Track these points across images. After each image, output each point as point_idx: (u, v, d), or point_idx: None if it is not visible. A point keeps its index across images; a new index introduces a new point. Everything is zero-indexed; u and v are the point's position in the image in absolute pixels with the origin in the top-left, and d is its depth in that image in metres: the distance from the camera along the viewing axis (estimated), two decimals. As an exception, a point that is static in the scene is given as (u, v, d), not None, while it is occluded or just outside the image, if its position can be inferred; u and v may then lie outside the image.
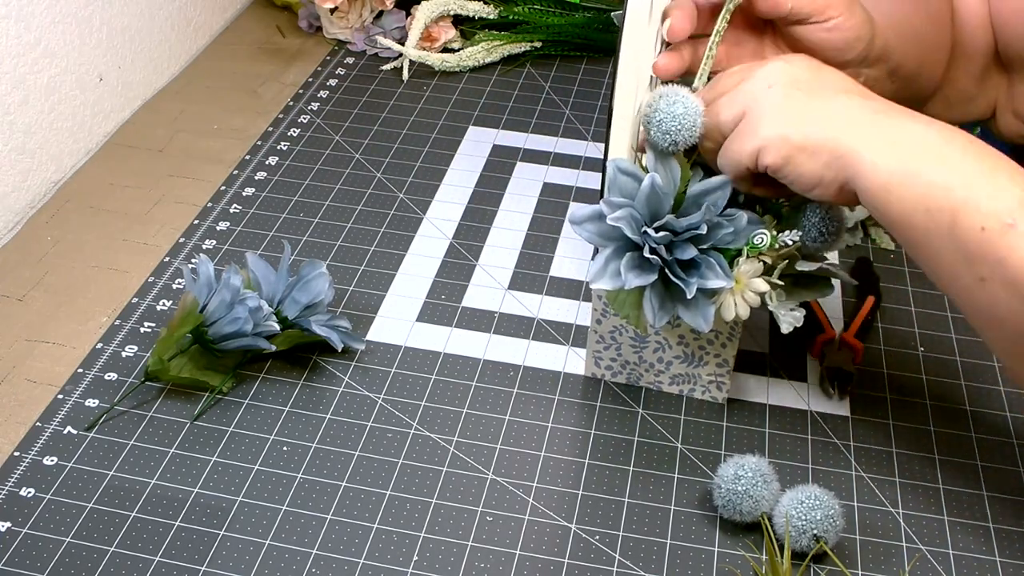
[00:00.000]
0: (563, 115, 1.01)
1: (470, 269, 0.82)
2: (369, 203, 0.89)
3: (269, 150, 0.95)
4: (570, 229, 0.87)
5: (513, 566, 0.61)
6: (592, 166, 0.94)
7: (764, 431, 0.69)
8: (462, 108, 1.02)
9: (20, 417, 0.69)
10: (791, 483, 0.64)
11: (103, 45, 0.95)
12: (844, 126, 0.57)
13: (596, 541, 0.62)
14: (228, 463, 0.66)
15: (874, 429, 0.70)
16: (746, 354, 0.74)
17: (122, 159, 0.94)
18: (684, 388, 0.71)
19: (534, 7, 1.10)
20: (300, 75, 1.07)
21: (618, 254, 0.62)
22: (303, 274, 0.72)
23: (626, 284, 0.61)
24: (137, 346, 0.74)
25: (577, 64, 1.10)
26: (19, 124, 0.86)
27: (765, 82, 0.60)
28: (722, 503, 0.62)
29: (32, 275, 0.81)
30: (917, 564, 0.62)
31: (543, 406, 0.71)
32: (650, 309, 0.62)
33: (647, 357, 0.70)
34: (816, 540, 0.60)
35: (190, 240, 0.84)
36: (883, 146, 0.56)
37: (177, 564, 0.60)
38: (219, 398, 0.70)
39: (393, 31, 1.10)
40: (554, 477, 0.66)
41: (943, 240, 0.55)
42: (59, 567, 0.59)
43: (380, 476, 0.65)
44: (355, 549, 0.61)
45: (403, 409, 0.70)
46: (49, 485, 0.64)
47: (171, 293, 0.79)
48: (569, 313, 0.78)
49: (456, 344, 0.75)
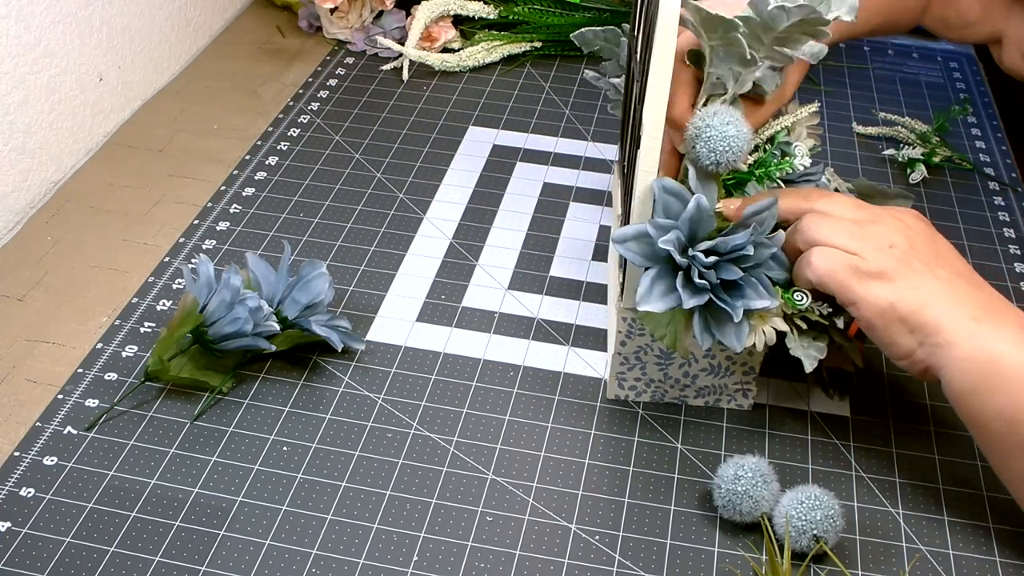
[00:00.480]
0: (563, 115, 1.01)
1: (470, 269, 0.82)
2: (369, 203, 0.89)
3: (269, 150, 0.95)
4: (569, 229, 0.87)
5: (513, 566, 0.61)
6: (592, 166, 0.94)
7: (764, 431, 0.69)
8: (462, 108, 1.02)
9: (20, 417, 0.69)
10: (791, 483, 0.64)
11: (103, 45, 0.95)
12: (945, 314, 0.59)
13: (596, 541, 0.62)
14: (228, 463, 0.66)
15: (874, 429, 0.70)
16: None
17: (122, 159, 0.94)
18: (710, 399, 0.70)
19: (534, 7, 1.10)
20: (300, 75, 1.07)
21: (661, 276, 0.61)
22: (303, 274, 0.72)
23: (684, 304, 0.60)
24: (137, 346, 0.74)
25: (577, 64, 1.10)
26: (19, 124, 0.86)
27: (886, 239, 0.60)
28: (722, 503, 0.62)
29: (32, 275, 0.81)
30: (917, 564, 0.62)
31: (543, 406, 0.71)
32: (700, 332, 0.61)
33: (673, 373, 0.69)
34: (816, 540, 0.60)
35: (190, 240, 0.84)
36: (975, 350, 0.58)
37: (177, 564, 0.60)
38: (219, 398, 0.70)
39: (393, 31, 1.10)
40: (554, 477, 0.66)
41: (1016, 451, 0.58)
42: (59, 567, 0.59)
43: (380, 476, 0.65)
44: (355, 549, 0.61)
45: (403, 409, 0.70)
46: (49, 485, 0.64)
47: (171, 293, 0.79)
48: (569, 313, 0.78)
49: (456, 344, 0.75)
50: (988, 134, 1.01)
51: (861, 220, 0.62)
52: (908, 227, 0.62)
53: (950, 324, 0.58)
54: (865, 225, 0.61)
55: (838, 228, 0.61)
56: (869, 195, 0.79)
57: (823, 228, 0.61)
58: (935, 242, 0.62)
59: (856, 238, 0.61)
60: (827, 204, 0.63)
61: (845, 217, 0.62)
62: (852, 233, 0.61)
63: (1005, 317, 0.59)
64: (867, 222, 0.62)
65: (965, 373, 0.58)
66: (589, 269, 0.82)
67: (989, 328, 0.58)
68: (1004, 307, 0.60)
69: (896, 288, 0.59)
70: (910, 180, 0.93)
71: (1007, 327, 0.59)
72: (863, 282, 0.60)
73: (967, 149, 0.98)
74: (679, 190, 0.61)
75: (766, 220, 0.62)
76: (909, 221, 0.62)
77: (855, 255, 0.60)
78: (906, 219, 0.63)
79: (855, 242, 0.60)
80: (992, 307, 0.60)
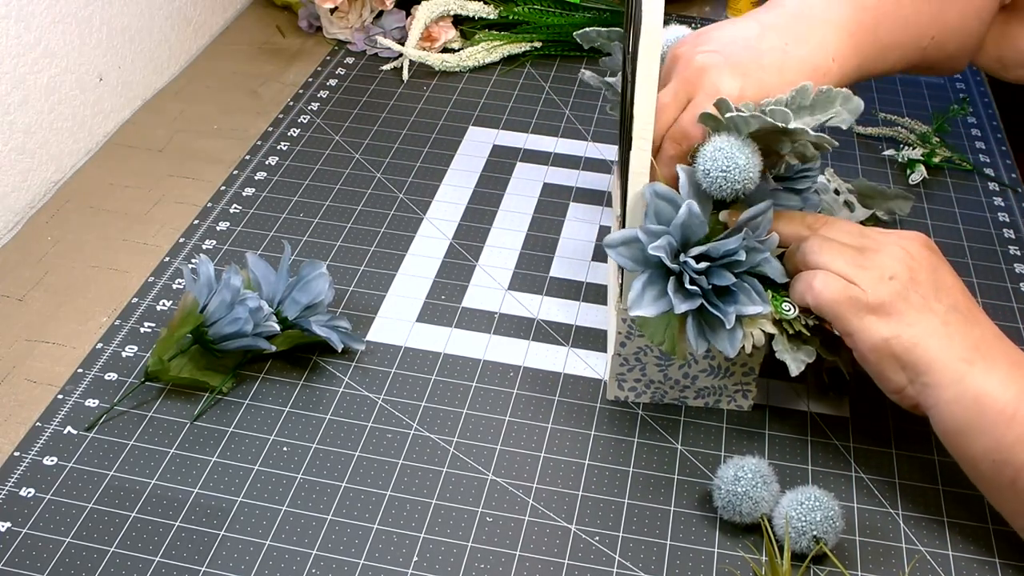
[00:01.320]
0: (563, 115, 1.01)
1: (470, 269, 0.82)
2: (369, 203, 0.89)
3: (269, 150, 0.95)
4: (570, 229, 0.87)
5: (513, 567, 0.61)
6: (592, 166, 0.94)
7: (764, 432, 0.69)
8: (462, 108, 1.02)
9: (20, 417, 0.69)
10: (791, 484, 0.64)
11: (103, 45, 0.95)
12: (936, 355, 0.59)
13: (596, 542, 0.62)
14: (228, 463, 0.66)
15: (874, 430, 0.70)
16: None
17: (122, 159, 0.94)
18: (710, 400, 0.70)
19: (534, 7, 1.10)
20: (300, 75, 1.07)
21: (653, 281, 0.61)
22: (303, 274, 0.72)
23: (675, 309, 0.60)
24: (137, 346, 0.74)
25: (577, 64, 1.10)
26: (19, 124, 0.86)
27: (888, 270, 0.60)
28: (722, 504, 0.62)
29: (32, 275, 0.81)
30: (917, 565, 0.62)
31: (543, 407, 0.71)
32: (693, 337, 0.61)
33: (672, 374, 0.69)
34: (816, 541, 0.60)
35: (190, 240, 0.84)
36: (963, 392, 0.58)
37: (177, 564, 0.60)
38: (219, 398, 0.70)
39: (393, 31, 1.10)
40: (554, 478, 0.66)
41: (1004, 489, 0.59)
42: (59, 567, 0.59)
43: (380, 476, 0.65)
44: (355, 549, 0.61)
45: (403, 409, 0.70)
46: (49, 485, 0.64)
47: (171, 293, 0.79)
48: (569, 314, 0.78)
49: (456, 344, 0.75)
50: (988, 134, 1.01)
51: (864, 248, 0.62)
52: (911, 256, 0.61)
53: (940, 365, 0.59)
54: (868, 254, 0.61)
55: (841, 255, 0.61)
56: (869, 195, 0.79)
57: (827, 253, 0.61)
58: (937, 272, 0.62)
59: (858, 267, 0.61)
60: (830, 230, 0.63)
61: (848, 244, 0.62)
62: (854, 261, 0.61)
63: (996, 356, 0.59)
64: (870, 251, 0.61)
65: (953, 415, 0.59)
66: (589, 270, 0.83)
67: (979, 370, 0.59)
68: (998, 345, 0.60)
69: (891, 324, 0.59)
70: (910, 180, 0.93)
71: (997, 368, 0.59)
72: (860, 315, 0.60)
73: (967, 149, 0.98)
74: (671, 195, 0.61)
75: (760, 224, 0.61)
76: (913, 249, 0.62)
77: (855, 285, 0.60)
78: (910, 246, 0.62)
79: (857, 271, 0.60)
80: (985, 346, 0.60)
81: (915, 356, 0.59)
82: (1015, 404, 0.58)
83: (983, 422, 0.58)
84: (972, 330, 0.60)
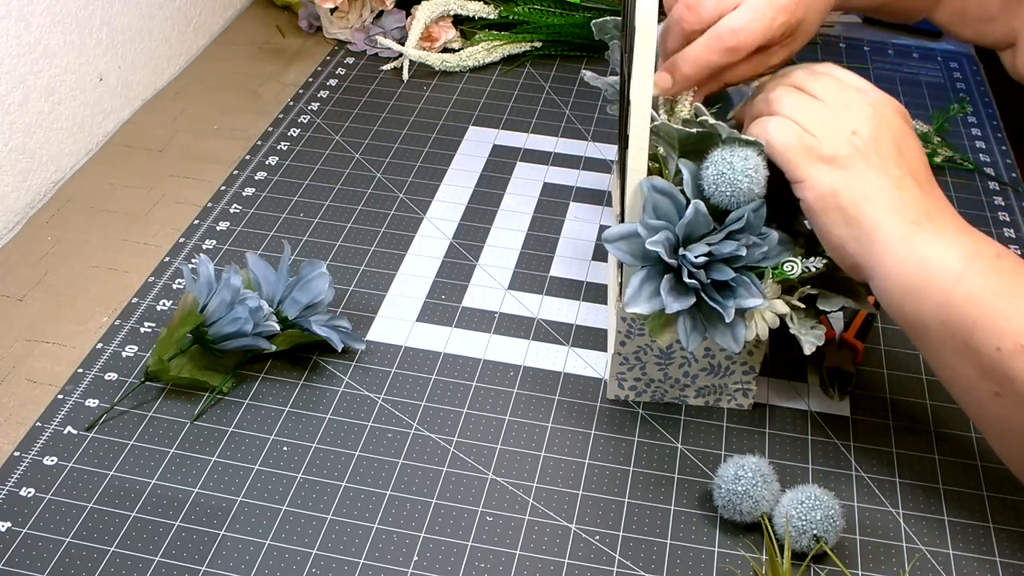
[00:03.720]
0: (563, 115, 1.01)
1: (470, 269, 0.82)
2: (369, 203, 0.89)
3: (269, 150, 0.95)
4: (570, 229, 0.87)
5: (513, 566, 0.61)
6: (592, 166, 0.94)
7: (764, 431, 0.69)
8: (462, 108, 1.02)
9: (20, 417, 0.69)
10: (791, 483, 0.64)
11: (103, 45, 0.95)
12: (885, 214, 0.58)
13: (596, 541, 0.62)
14: (228, 463, 0.66)
15: (874, 429, 0.70)
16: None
17: (122, 159, 0.94)
18: (710, 399, 0.70)
19: (534, 7, 1.10)
20: (300, 75, 1.07)
21: (651, 277, 0.61)
22: (303, 274, 0.72)
23: (667, 309, 0.60)
24: (137, 346, 0.74)
25: (577, 64, 1.10)
26: (19, 124, 0.86)
27: (850, 125, 0.59)
28: (722, 503, 0.62)
29: (32, 275, 0.81)
30: (917, 564, 0.62)
31: (543, 406, 0.71)
32: (684, 333, 0.61)
33: (672, 373, 0.69)
34: (816, 540, 0.60)
35: (190, 240, 0.84)
36: (908, 253, 0.57)
37: (177, 564, 0.60)
38: (219, 398, 0.70)
39: (393, 31, 1.10)
40: (554, 477, 0.66)
41: (957, 354, 0.57)
42: (59, 567, 0.59)
43: (380, 476, 0.65)
44: (355, 549, 0.61)
45: (403, 409, 0.70)
46: (49, 485, 0.64)
47: (171, 293, 0.79)
48: (569, 313, 0.78)
49: (456, 344, 0.75)
50: (988, 134, 1.01)
51: (833, 102, 0.61)
52: (880, 116, 0.60)
53: (888, 225, 0.58)
54: (835, 108, 0.60)
55: (804, 106, 0.61)
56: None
57: (790, 101, 0.61)
58: (903, 139, 0.61)
59: (818, 119, 0.60)
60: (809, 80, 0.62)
61: (818, 96, 0.61)
62: (816, 113, 0.60)
63: (945, 222, 0.58)
64: (839, 105, 0.61)
65: (900, 275, 0.57)
66: (589, 269, 0.83)
67: (927, 232, 0.57)
68: (949, 213, 0.59)
69: (843, 176, 0.58)
70: (910, 180, 0.93)
71: (945, 231, 0.58)
72: (812, 163, 0.59)
73: (967, 149, 0.98)
74: (669, 189, 0.61)
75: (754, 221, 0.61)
76: (885, 111, 0.61)
77: (810, 134, 0.59)
78: (883, 108, 0.61)
79: (816, 123, 0.60)
80: (936, 212, 0.58)
81: (861, 211, 0.58)
82: (962, 264, 0.56)
83: (930, 283, 0.57)
84: (925, 199, 0.59)
